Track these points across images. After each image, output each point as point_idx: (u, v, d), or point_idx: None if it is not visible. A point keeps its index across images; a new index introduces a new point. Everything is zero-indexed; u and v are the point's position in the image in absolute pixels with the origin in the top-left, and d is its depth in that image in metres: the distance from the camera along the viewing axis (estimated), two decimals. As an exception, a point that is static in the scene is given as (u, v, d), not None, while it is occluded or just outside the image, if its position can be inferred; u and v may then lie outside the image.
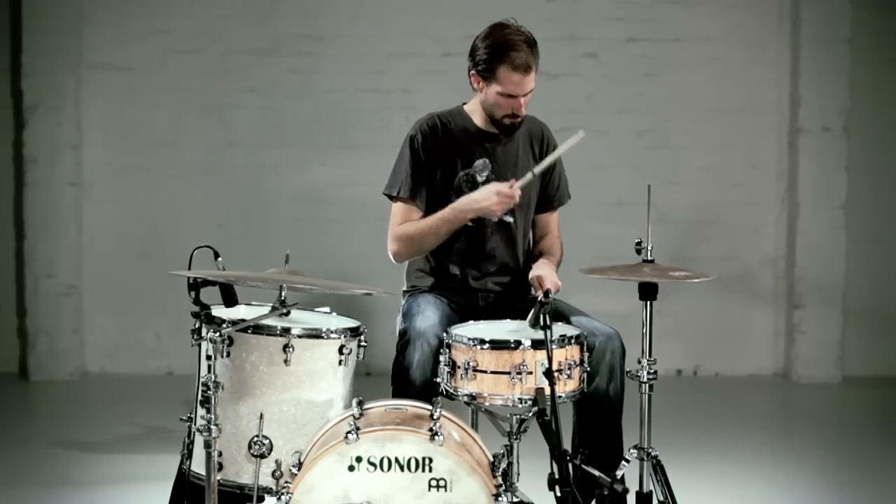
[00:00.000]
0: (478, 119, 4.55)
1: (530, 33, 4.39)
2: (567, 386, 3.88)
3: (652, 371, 4.12)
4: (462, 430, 3.77)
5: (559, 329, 3.96)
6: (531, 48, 4.35)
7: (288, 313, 3.91)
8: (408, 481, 3.50)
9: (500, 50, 4.34)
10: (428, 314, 4.20)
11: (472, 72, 4.45)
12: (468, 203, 4.38)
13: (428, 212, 4.49)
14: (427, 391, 3.95)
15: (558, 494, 3.55)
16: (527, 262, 4.62)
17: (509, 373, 3.79)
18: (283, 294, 3.90)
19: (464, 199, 4.40)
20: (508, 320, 4.19)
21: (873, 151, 8.19)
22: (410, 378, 4.04)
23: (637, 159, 8.05)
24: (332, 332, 3.86)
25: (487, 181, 4.49)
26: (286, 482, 3.57)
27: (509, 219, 4.54)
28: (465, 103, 4.62)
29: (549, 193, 4.69)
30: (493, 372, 3.81)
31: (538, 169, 4.42)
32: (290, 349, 3.76)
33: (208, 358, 3.65)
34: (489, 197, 4.33)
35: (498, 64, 4.34)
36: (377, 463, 3.50)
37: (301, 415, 3.80)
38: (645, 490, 4.15)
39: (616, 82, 8.09)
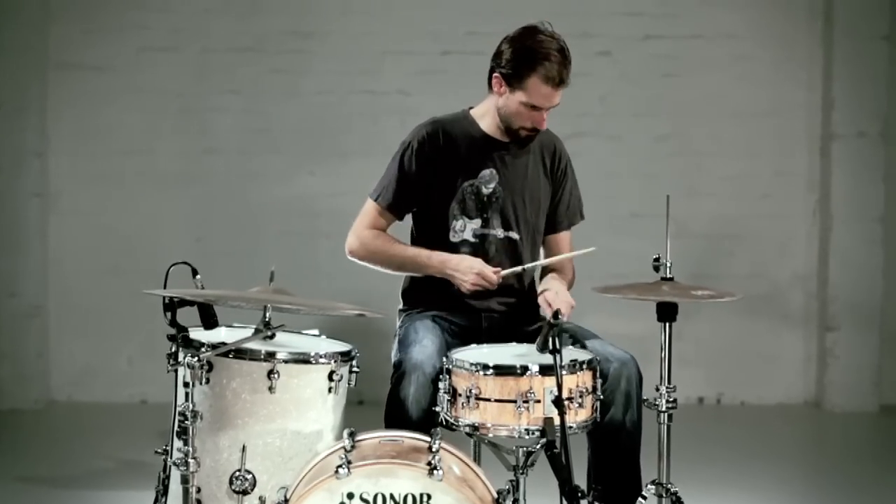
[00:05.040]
0: (486, 125, 4.56)
1: (564, 42, 4.39)
2: (578, 415, 3.88)
3: (671, 399, 4.12)
4: (463, 464, 3.77)
5: (570, 353, 3.96)
6: (565, 60, 4.36)
7: (273, 336, 3.92)
8: (404, 520, 3.50)
9: (533, 57, 4.35)
10: (425, 343, 4.21)
11: (496, 74, 4.46)
12: (444, 263, 4.45)
13: (423, 220, 4.55)
14: (425, 424, 3.95)
15: (569, 534, 3.55)
16: (534, 282, 4.63)
17: (515, 401, 3.79)
18: (267, 315, 3.90)
19: (444, 258, 4.46)
20: (514, 343, 4.20)
21: (913, 159, 8.20)
22: (406, 413, 4.05)
23: (654, 167, 8.05)
24: (321, 357, 3.87)
25: (494, 193, 4.52)
26: (271, 521, 3.57)
27: (515, 235, 4.56)
28: (471, 107, 4.63)
29: (558, 213, 4.70)
30: (497, 400, 3.82)
31: (531, 265, 4.53)
32: (276, 375, 3.77)
33: (186, 385, 3.65)
34: (466, 273, 4.40)
35: (529, 72, 4.36)
36: (370, 500, 3.50)
37: (287, 447, 3.80)
38: (663, 530, 4.15)
39: (632, 83, 8.10)
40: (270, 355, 3.79)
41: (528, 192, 4.59)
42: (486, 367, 3.84)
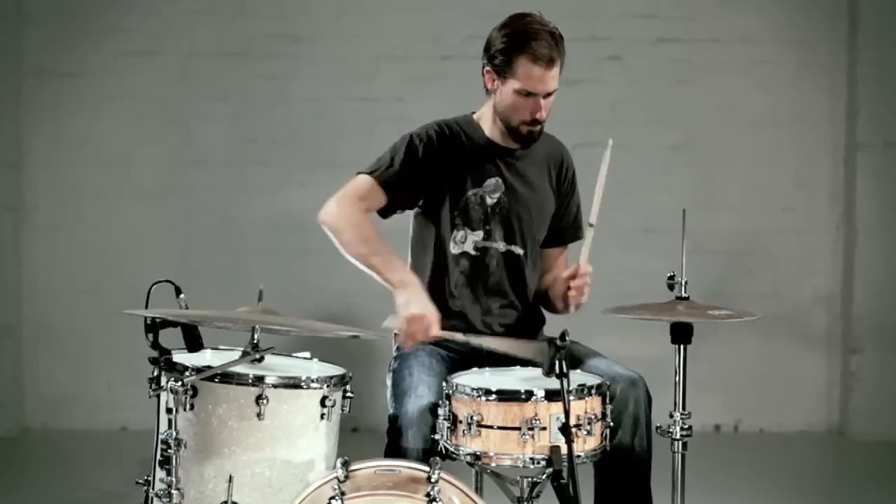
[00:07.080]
0: (489, 129, 4.56)
1: (556, 27, 4.40)
2: (587, 444, 3.87)
3: (686, 426, 4.12)
4: (464, 496, 3.76)
5: (578, 377, 3.96)
6: (555, 40, 4.36)
7: (261, 359, 3.91)
8: (401, 555, 3.50)
9: (519, 39, 4.35)
10: (421, 392, 4.15)
11: (487, 67, 4.47)
12: (402, 284, 4.26)
13: (424, 229, 4.54)
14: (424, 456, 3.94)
15: (576, 570, 3.55)
16: (536, 300, 4.63)
17: (519, 428, 3.78)
18: (255, 337, 3.90)
19: (405, 279, 4.28)
20: (518, 367, 4.19)
21: (943, 170, 8.20)
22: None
23: (668, 179, 8.06)
24: (312, 382, 3.87)
25: (498, 203, 4.51)
26: (259, 556, 3.57)
27: (518, 249, 4.54)
28: (473, 112, 4.64)
29: (561, 226, 4.69)
30: (500, 427, 3.81)
31: (476, 342, 4.29)
32: (264, 401, 3.76)
33: (169, 411, 3.65)
34: (412, 321, 4.16)
35: (516, 55, 4.35)
36: (365, 533, 3.50)
37: (277, 477, 3.80)
38: (678, 566, 4.15)
39: (644, 89, 8.12)
40: (259, 380, 3.79)
41: (534, 203, 4.58)
42: (488, 392, 3.83)
